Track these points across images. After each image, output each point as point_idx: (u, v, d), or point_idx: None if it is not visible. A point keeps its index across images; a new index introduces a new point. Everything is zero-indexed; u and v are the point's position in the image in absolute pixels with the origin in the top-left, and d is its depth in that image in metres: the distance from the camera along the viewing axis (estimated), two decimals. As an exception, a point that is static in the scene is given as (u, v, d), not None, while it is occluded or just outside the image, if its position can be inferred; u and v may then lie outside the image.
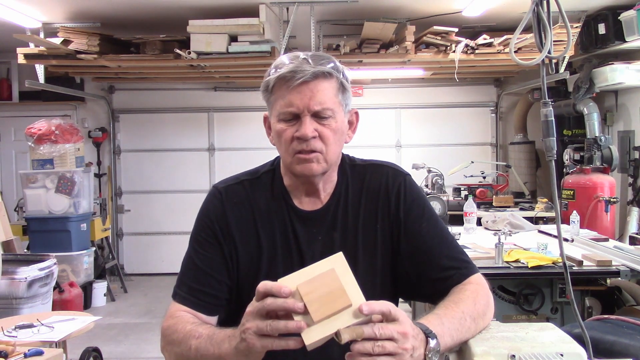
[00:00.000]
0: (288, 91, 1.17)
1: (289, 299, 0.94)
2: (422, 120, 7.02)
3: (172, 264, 6.42)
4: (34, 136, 5.47)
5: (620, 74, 5.06)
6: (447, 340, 1.06)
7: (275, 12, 4.93)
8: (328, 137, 1.19)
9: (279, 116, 1.20)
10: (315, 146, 1.19)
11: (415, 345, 0.98)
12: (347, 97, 1.24)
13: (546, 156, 1.30)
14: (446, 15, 5.16)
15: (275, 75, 1.18)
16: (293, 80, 1.15)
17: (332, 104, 1.19)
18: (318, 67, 1.17)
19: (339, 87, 1.21)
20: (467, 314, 1.12)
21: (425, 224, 1.27)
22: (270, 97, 1.22)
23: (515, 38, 1.48)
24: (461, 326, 1.10)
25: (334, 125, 1.20)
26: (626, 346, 1.50)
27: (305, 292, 0.93)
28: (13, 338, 2.77)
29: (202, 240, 1.27)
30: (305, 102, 1.16)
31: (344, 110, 1.24)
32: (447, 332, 1.06)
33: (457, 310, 1.12)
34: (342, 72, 1.23)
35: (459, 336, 1.09)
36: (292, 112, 1.18)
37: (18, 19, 5.04)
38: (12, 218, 5.92)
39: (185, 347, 1.13)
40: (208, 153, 7.09)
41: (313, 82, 1.17)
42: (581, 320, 1.27)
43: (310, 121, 1.18)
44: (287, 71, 1.16)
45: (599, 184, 4.97)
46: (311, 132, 1.17)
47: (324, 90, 1.18)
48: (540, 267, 2.85)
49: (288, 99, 1.17)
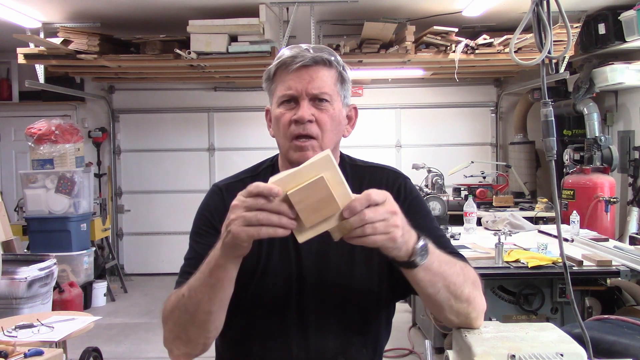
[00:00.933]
0: (288, 75, 1.21)
1: (282, 204, 0.95)
2: (422, 120, 7.02)
3: (172, 264, 6.41)
4: (34, 136, 5.47)
5: (620, 74, 5.06)
6: (433, 260, 1.07)
7: (275, 12, 4.93)
8: (325, 122, 1.21)
9: (278, 100, 1.23)
10: (312, 131, 1.20)
11: (405, 228, 1.00)
12: (345, 89, 1.27)
13: (546, 156, 1.30)
14: (446, 15, 5.16)
15: (275, 62, 1.23)
16: (293, 64, 1.19)
17: (330, 90, 1.22)
18: (317, 53, 1.21)
19: (338, 76, 1.24)
20: (457, 264, 1.15)
21: (422, 220, 1.27)
22: (272, 85, 1.25)
23: (515, 38, 1.48)
24: (450, 264, 1.12)
25: (331, 111, 1.22)
26: (626, 346, 1.50)
27: (296, 201, 0.95)
28: (13, 338, 2.77)
29: (202, 232, 1.28)
30: (304, 85, 1.20)
31: (342, 101, 1.26)
32: (437, 256, 1.09)
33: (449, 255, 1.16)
34: (342, 65, 1.26)
35: (446, 270, 1.10)
36: (291, 95, 1.21)
37: (18, 19, 5.04)
38: (12, 218, 5.91)
39: (179, 300, 1.14)
40: (208, 153, 7.09)
41: (313, 68, 1.20)
42: (581, 320, 1.28)
43: (308, 105, 1.20)
44: (287, 56, 1.21)
45: (599, 184, 4.97)
46: (308, 115, 1.19)
47: (323, 76, 1.21)
48: (540, 267, 2.85)
49: (287, 83, 1.21)
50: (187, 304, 1.12)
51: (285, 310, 1.24)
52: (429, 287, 1.10)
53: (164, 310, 1.19)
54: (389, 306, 1.32)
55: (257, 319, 1.25)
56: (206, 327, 1.14)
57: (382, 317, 1.31)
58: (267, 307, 1.24)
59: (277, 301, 1.23)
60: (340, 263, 1.24)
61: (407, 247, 1.02)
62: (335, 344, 1.24)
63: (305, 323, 1.24)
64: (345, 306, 1.25)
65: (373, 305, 1.28)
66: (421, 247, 1.04)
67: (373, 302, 1.27)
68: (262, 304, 1.24)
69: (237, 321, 1.25)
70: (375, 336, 1.30)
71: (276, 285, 1.23)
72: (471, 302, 1.16)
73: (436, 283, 1.10)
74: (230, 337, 1.29)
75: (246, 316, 1.25)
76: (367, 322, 1.28)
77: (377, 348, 1.31)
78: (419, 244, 1.04)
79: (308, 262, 1.24)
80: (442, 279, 1.10)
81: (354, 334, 1.26)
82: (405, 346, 4.27)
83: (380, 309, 1.29)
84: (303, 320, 1.24)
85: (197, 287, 1.10)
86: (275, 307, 1.24)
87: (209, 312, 1.12)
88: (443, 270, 1.10)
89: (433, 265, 1.08)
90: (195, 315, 1.12)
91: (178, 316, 1.15)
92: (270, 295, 1.23)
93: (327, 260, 1.24)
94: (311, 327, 1.24)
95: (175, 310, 1.16)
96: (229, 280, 1.09)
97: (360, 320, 1.27)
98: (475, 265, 2.61)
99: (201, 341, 1.17)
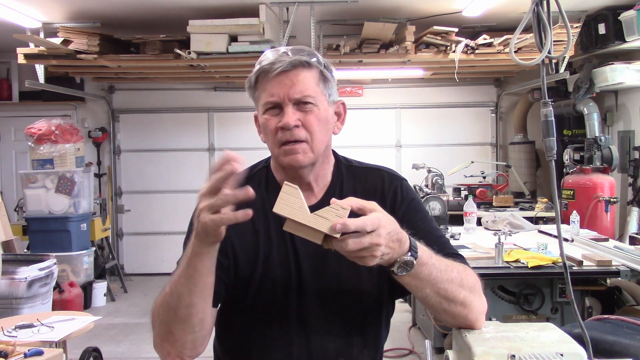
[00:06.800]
0: (269, 82, 1.20)
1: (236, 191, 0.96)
2: (422, 120, 7.02)
3: (172, 264, 6.21)
4: (34, 136, 5.47)
5: (620, 74, 5.06)
6: (420, 270, 1.08)
7: (275, 12, 4.93)
8: (312, 125, 1.21)
9: (262, 108, 1.23)
10: (300, 135, 1.20)
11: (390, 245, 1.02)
12: (329, 87, 1.25)
13: (546, 156, 1.30)
14: (446, 15, 5.16)
15: (255, 70, 1.22)
16: (272, 71, 1.19)
17: (313, 92, 1.21)
18: (296, 56, 1.20)
19: (319, 76, 1.23)
20: (455, 268, 1.15)
21: (421, 223, 1.27)
22: (255, 92, 1.25)
23: (515, 38, 1.48)
24: (445, 271, 1.12)
25: (317, 112, 1.21)
26: (626, 346, 1.50)
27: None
28: (13, 338, 2.77)
29: None
30: (285, 90, 1.19)
31: (327, 100, 1.25)
32: (428, 266, 1.09)
33: (449, 258, 1.16)
34: (323, 64, 1.25)
35: (437, 276, 1.11)
36: (274, 102, 1.20)
37: (18, 19, 5.03)
38: (12, 218, 5.92)
39: (162, 298, 1.14)
40: (208, 153, 7.09)
41: (292, 72, 1.19)
42: (581, 320, 1.28)
43: (292, 110, 1.19)
44: (266, 64, 1.20)
45: (599, 184, 4.97)
46: (294, 121, 1.19)
47: (304, 79, 1.20)
48: (540, 267, 2.85)
49: (269, 90, 1.20)
50: (170, 300, 1.12)
51: (285, 314, 1.23)
52: (416, 292, 1.12)
53: (152, 312, 1.19)
54: (388, 306, 1.32)
55: (257, 323, 1.24)
56: (189, 321, 1.12)
57: (382, 317, 1.31)
58: (267, 310, 1.23)
59: (276, 304, 1.23)
60: (339, 265, 1.23)
61: (388, 261, 1.04)
62: (336, 345, 1.24)
63: (305, 325, 1.23)
64: (346, 307, 1.25)
65: (373, 305, 1.27)
66: (404, 262, 1.05)
67: (373, 302, 1.27)
68: (262, 308, 1.23)
69: (237, 326, 1.25)
70: (376, 336, 1.30)
71: (275, 289, 1.23)
72: (467, 305, 1.16)
73: (423, 288, 1.11)
74: (230, 342, 1.28)
75: (246, 320, 1.25)
76: (367, 323, 1.27)
77: (377, 348, 1.31)
78: (402, 258, 1.05)
79: (307, 265, 1.24)
80: (431, 285, 1.11)
81: (355, 335, 1.26)
82: (405, 346, 4.27)
83: (380, 309, 1.29)
84: (303, 322, 1.23)
85: (177, 280, 1.10)
86: (275, 311, 1.23)
87: (190, 305, 1.10)
88: (434, 277, 1.10)
89: (421, 274, 1.09)
90: (177, 310, 1.11)
91: (163, 315, 1.14)
92: (270, 298, 1.23)
93: (326, 262, 1.23)
94: (312, 330, 1.23)
95: (160, 310, 1.15)
96: (207, 269, 1.08)
97: (361, 321, 1.26)
98: (475, 265, 2.61)
99: (188, 338, 1.14)
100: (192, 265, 1.06)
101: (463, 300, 1.15)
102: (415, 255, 1.06)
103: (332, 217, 0.99)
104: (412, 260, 1.06)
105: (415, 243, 1.07)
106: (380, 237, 0.99)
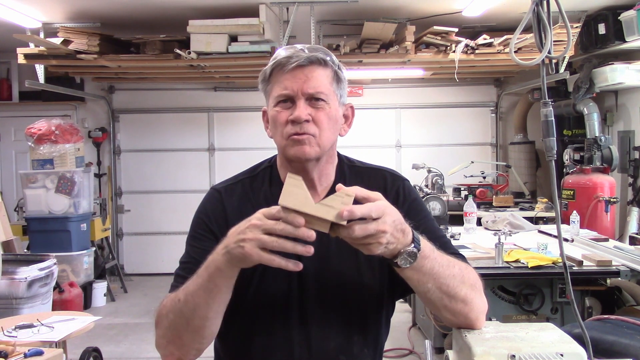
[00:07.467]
0: (283, 75, 1.21)
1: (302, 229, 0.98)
2: (422, 120, 7.02)
3: (172, 264, 6.31)
4: (34, 136, 5.47)
5: (620, 74, 5.06)
6: (423, 264, 1.09)
7: (275, 12, 4.93)
8: (322, 121, 1.21)
9: (275, 100, 1.23)
10: (309, 129, 1.20)
11: (395, 234, 1.02)
12: (341, 88, 1.27)
13: (546, 156, 1.30)
14: (446, 15, 5.16)
15: (270, 63, 1.23)
16: (288, 65, 1.19)
17: (326, 90, 1.22)
18: (312, 53, 1.21)
19: (333, 76, 1.24)
20: (457, 266, 1.16)
21: (423, 222, 1.28)
22: (268, 86, 1.26)
23: (515, 38, 1.48)
24: (447, 266, 1.13)
25: (328, 110, 1.22)
26: (626, 346, 1.50)
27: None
28: (13, 338, 2.77)
29: (198, 236, 1.28)
30: (299, 84, 1.20)
31: (338, 100, 1.26)
32: (431, 259, 1.10)
33: (449, 257, 1.17)
34: (337, 64, 1.26)
35: (440, 271, 1.11)
36: (287, 95, 1.21)
37: (18, 19, 5.04)
38: (12, 218, 5.92)
39: (175, 304, 1.14)
40: (208, 153, 7.09)
41: (308, 67, 1.20)
42: (581, 320, 1.28)
43: (304, 105, 1.20)
44: (283, 57, 1.21)
45: (599, 184, 4.97)
46: (305, 115, 1.19)
47: (319, 76, 1.21)
48: (540, 267, 2.85)
49: (283, 83, 1.21)
50: (183, 309, 1.12)
51: (286, 311, 1.23)
52: (418, 286, 1.13)
53: (158, 314, 1.19)
54: (389, 305, 1.32)
55: (258, 321, 1.25)
56: (201, 332, 1.14)
57: (382, 317, 1.31)
58: (268, 308, 1.23)
59: (278, 302, 1.23)
60: (341, 262, 1.24)
61: (392, 251, 1.04)
62: (337, 344, 1.24)
63: (306, 324, 1.23)
64: (347, 305, 1.25)
65: (374, 304, 1.28)
66: (407, 253, 1.06)
67: (374, 301, 1.27)
68: (263, 306, 1.23)
69: (237, 323, 1.24)
70: (376, 335, 1.30)
71: (277, 286, 1.23)
72: (468, 303, 1.16)
73: (426, 283, 1.12)
74: (230, 339, 1.28)
75: (247, 318, 1.25)
76: (368, 322, 1.28)
77: (377, 347, 1.31)
78: (406, 249, 1.05)
79: (309, 262, 1.24)
80: (433, 279, 1.11)
81: (356, 334, 1.26)
82: (405, 346, 4.27)
83: (381, 308, 1.30)
84: (304, 321, 1.23)
85: (194, 291, 1.11)
86: (277, 308, 1.23)
87: (205, 318, 1.12)
88: (436, 271, 1.11)
89: (423, 268, 1.09)
90: (191, 320, 1.12)
91: (173, 320, 1.15)
92: (271, 296, 1.23)
93: (327, 260, 1.23)
94: (313, 327, 1.23)
95: (170, 314, 1.15)
96: (227, 286, 1.09)
97: (362, 319, 1.27)
98: (475, 265, 2.60)
99: (195, 346, 1.17)
100: (213, 281, 1.08)
101: (464, 297, 1.15)
102: (418, 247, 1.07)
103: (337, 205, 0.99)
104: (416, 252, 1.06)
105: (418, 236, 1.08)
106: (385, 224, 0.99)
